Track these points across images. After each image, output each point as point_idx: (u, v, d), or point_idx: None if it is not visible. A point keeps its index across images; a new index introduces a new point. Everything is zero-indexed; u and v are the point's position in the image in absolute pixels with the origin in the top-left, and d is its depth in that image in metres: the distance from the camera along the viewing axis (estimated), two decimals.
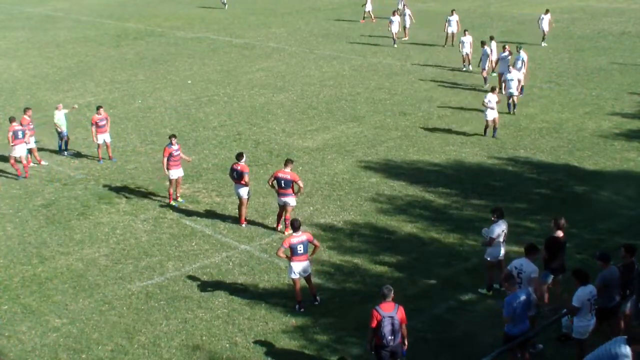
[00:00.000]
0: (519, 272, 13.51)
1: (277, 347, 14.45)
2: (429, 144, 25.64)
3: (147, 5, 63.02)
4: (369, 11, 51.35)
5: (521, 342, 12.73)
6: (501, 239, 15.55)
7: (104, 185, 23.11)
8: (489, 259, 15.77)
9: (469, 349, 13.79)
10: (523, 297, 12.62)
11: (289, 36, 46.89)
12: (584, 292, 12.60)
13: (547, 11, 40.75)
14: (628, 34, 43.25)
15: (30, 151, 24.72)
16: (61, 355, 14.45)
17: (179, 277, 17.26)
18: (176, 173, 21.16)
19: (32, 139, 24.74)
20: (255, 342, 14.64)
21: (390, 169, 23.48)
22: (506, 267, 15.49)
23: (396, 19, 41.79)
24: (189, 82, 35.94)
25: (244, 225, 19.77)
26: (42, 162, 24.99)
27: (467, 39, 35.09)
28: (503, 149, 24.90)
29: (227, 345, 14.57)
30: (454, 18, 40.61)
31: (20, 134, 23.70)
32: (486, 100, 25.47)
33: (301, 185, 18.97)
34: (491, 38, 32.88)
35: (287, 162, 19.06)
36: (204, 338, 14.83)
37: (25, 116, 24.60)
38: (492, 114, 25.45)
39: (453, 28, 40.59)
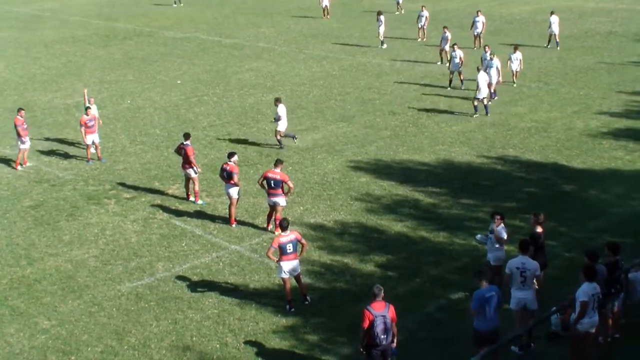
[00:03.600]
0: (522, 271, 13.56)
1: (267, 347, 14.50)
2: (418, 144, 25.78)
3: (135, 5, 62.94)
4: (326, 6, 52.33)
5: (493, 343, 12.77)
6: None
7: (93, 186, 23.14)
8: (494, 263, 15.58)
9: (460, 347, 13.78)
10: (492, 294, 12.73)
11: (279, 36, 46.98)
12: (589, 288, 12.71)
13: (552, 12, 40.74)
14: (615, 34, 43.52)
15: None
16: (50, 358, 14.48)
17: (169, 277, 17.30)
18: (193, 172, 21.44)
19: (27, 139, 24.83)
20: (246, 342, 14.68)
21: (380, 169, 23.61)
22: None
23: (383, 18, 41.29)
24: (179, 82, 35.98)
25: (234, 225, 19.84)
26: (27, 164, 24.97)
27: (448, 35, 36.10)
28: (492, 148, 25.08)
29: (218, 345, 14.63)
30: (480, 19, 39.89)
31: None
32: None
33: (291, 185, 19.08)
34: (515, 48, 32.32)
35: (277, 162, 19.19)
36: (194, 339, 14.88)
37: (18, 116, 24.68)
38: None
39: (479, 29, 39.93)
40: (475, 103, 28.05)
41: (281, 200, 18.96)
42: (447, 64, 34.13)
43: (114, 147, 26.68)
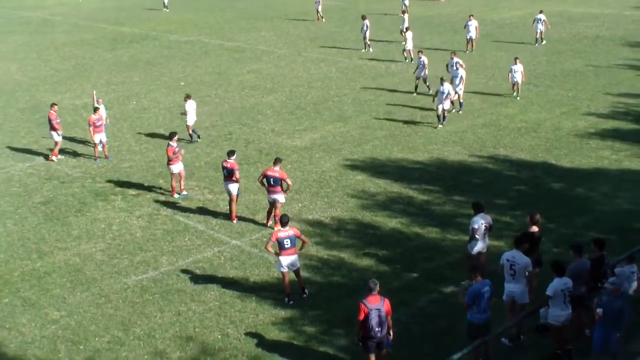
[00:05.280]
0: (511, 264, 13.83)
1: (267, 338, 14.80)
2: (412, 143, 26.02)
3: (141, 10, 62.88)
4: (319, 10, 53.03)
5: (486, 334, 13.19)
6: (479, 233, 15.89)
7: (100, 183, 23.45)
8: (470, 251, 16.12)
9: (452, 339, 14.02)
10: (486, 288, 13.07)
11: (278, 39, 47.03)
12: (559, 283, 13.05)
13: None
14: (602, 38, 43.58)
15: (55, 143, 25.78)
16: (60, 347, 14.80)
17: (173, 271, 17.63)
18: (177, 167, 21.95)
19: (60, 133, 25.60)
20: (246, 333, 15.00)
21: (376, 167, 23.85)
22: (484, 260, 15.97)
23: (366, 22, 41.33)
24: (182, 83, 36.21)
25: (235, 221, 20.12)
26: (54, 158, 25.73)
27: (410, 35, 38.45)
28: (484, 147, 25.31)
29: (219, 336, 14.95)
30: (473, 23, 39.96)
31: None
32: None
33: (289, 183, 19.32)
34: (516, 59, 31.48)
35: (276, 160, 19.45)
36: (196, 330, 15.20)
37: (51, 111, 25.41)
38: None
39: (472, 33, 40.06)
40: (440, 112, 27.48)
41: (280, 198, 19.19)
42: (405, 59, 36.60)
43: (121, 146, 26.95)
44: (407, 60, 38.35)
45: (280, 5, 61.91)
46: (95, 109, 25.58)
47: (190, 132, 26.95)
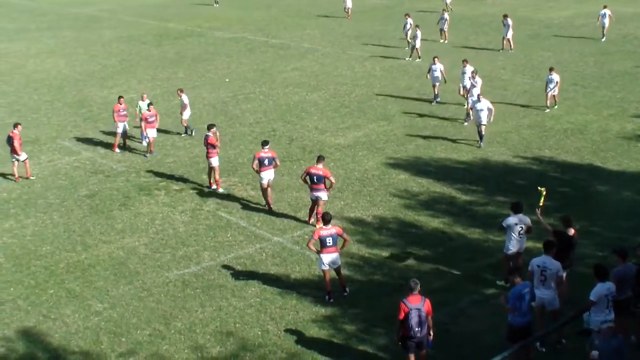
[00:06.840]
0: (542, 270, 13.66)
1: (306, 336, 14.85)
2: (456, 143, 25.90)
3: (187, 6, 63.54)
4: (348, 8, 53.68)
5: (526, 337, 13.00)
6: (515, 233, 15.81)
7: (145, 178, 23.76)
8: (505, 252, 16.14)
9: (491, 341, 13.90)
10: (526, 290, 12.96)
11: (323, 37, 47.16)
12: (602, 288, 12.84)
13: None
14: None
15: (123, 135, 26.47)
16: (102, 338, 15.01)
17: (214, 266, 17.77)
18: (216, 161, 22.29)
19: (124, 124, 26.15)
20: (286, 330, 15.05)
21: (419, 167, 23.79)
22: (521, 261, 15.85)
23: (409, 21, 41.19)
24: (227, 80, 36.54)
25: (272, 206, 20.55)
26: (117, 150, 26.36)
27: (419, 33, 38.62)
28: (528, 148, 25.07)
29: (259, 332, 15.03)
30: (507, 22, 39.53)
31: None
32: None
33: (333, 180, 19.38)
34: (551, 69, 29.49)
35: (320, 158, 19.51)
36: (237, 325, 15.31)
37: (118, 104, 26.07)
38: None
39: (506, 33, 39.76)
40: (482, 131, 25.34)
41: (323, 195, 19.24)
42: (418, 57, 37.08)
43: (165, 142, 27.22)
44: (412, 58, 38.69)
45: (325, 2, 61.98)
46: (149, 105, 26.06)
47: (186, 125, 27.48)
